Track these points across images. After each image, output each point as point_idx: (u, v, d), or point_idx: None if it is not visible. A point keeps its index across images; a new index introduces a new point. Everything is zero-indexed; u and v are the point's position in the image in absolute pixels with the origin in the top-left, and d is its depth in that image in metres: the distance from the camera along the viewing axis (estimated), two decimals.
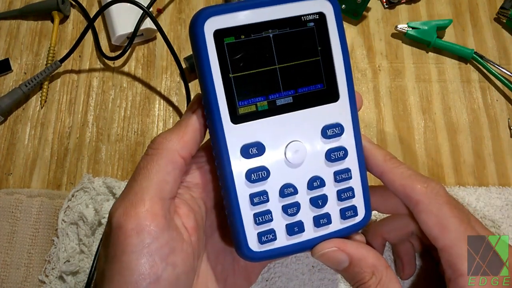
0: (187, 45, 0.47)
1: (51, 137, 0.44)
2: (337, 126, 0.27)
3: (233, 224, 0.26)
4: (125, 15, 0.45)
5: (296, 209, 0.27)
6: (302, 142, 0.27)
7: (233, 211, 0.26)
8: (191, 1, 0.50)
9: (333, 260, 0.27)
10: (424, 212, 0.28)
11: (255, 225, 0.26)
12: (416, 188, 0.28)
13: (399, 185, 0.28)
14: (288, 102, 0.26)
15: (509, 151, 0.43)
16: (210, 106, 0.25)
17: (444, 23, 0.46)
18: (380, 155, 0.29)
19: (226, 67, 0.25)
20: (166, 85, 0.46)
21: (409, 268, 0.36)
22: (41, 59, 0.47)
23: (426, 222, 0.28)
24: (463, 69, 0.46)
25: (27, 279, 0.38)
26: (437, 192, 0.28)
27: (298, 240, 0.27)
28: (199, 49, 0.24)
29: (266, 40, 0.25)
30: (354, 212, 0.28)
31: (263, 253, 0.27)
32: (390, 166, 0.29)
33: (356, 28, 0.48)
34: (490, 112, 0.44)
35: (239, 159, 0.25)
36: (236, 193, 0.26)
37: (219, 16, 0.24)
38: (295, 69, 0.26)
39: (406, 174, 0.29)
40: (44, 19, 0.49)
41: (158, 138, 0.26)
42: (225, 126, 0.25)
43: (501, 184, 0.41)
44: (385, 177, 0.29)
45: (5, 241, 0.38)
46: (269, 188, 0.26)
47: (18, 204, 0.39)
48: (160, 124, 0.44)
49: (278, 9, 0.25)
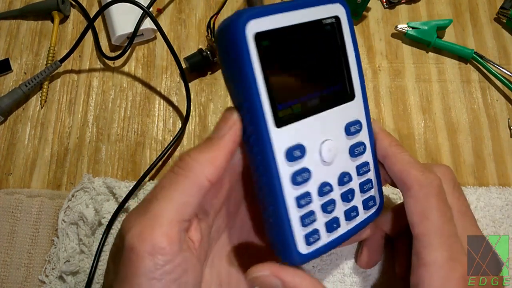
0: (187, 45, 0.47)
1: (51, 137, 0.44)
2: (357, 123, 0.29)
3: (279, 229, 0.26)
4: (125, 15, 0.45)
5: (333, 206, 0.28)
6: (332, 140, 0.27)
7: (280, 216, 0.26)
8: (191, 1, 0.50)
9: (265, 284, 0.26)
10: (412, 198, 0.28)
11: (302, 227, 0.26)
12: (411, 174, 0.28)
13: (397, 170, 0.29)
14: (316, 103, 0.27)
15: (509, 151, 0.43)
16: (255, 112, 0.24)
17: (444, 23, 0.46)
18: (387, 140, 0.30)
19: (266, 70, 0.24)
20: (166, 85, 0.46)
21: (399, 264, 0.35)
22: (41, 59, 0.47)
23: (410, 207, 0.28)
24: (463, 69, 0.46)
25: (27, 279, 0.38)
26: (431, 182, 0.28)
27: (335, 235, 0.28)
28: (239, 53, 0.24)
29: (298, 43, 0.26)
30: (373, 201, 0.30)
31: (310, 254, 0.27)
32: (393, 152, 0.30)
33: (356, 28, 0.48)
34: (490, 112, 0.44)
35: (284, 163, 0.25)
36: (284, 198, 0.25)
37: (259, 19, 0.24)
38: (320, 71, 0.27)
39: (406, 161, 0.29)
40: (44, 19, 0.49)
41: (187, 157, 0.25)
42: (271, 131, 0.25)
43: (501, 184, 0.41)
44: (387, 161, 0.30)
45: (5, 241, 0.38)
46: (311, 188, 0.27)
47: (18, 204, 0.39)
48: (160, 124, 0.44)
49: (304, 12, 0.26)
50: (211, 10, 0.49)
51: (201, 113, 0.45)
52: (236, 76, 0.25)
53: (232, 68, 0.25)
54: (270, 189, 0.25)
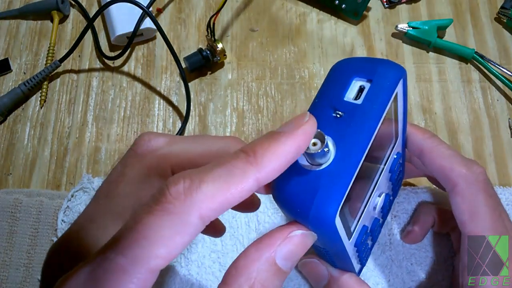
0: (186, 45, 0.47)
1: (51, 137, 0.44)
2: (399, 157, 0.29)
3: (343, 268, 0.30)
4: (124, 15, 0.45)
5: (378, 228, 0.31)
6: (382, 191, 0.28)
7: (346, 267, 0.29)
8: (191, 1, 0.49)
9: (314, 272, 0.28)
10: (459, 195, 0.27)
11: (358, 259, 0.29)
12: (455, 170, 0.27)
13: (438, 165, 0.28)
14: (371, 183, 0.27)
15: (509, 151, 0.43)
16: (345, 262, 0.27)
17: (445, 22, 0.46)
18: (419, 133, 0.29)
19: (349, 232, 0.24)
20: (165, 85, 0.46)
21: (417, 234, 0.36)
22: (41, 59, 0.47)
23: (458, 205, 0.27)
24: (463, 69, 0.46)
25: (26, 279, 0.37)
26: (476, 177, 0.27)
27: None
28: (333, 240, 0.22)
29: None
30: None
31: (361, 268, 0.31)
32: (429, 145, 0.28)
33: (356, 28, 0.48)
34: (490, 112, 0.44)
35: (352, 244, 0.26)
36: (350, 257, 0.27)
37: (340, 203, 0.20)
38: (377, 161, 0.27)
39: (446, 154, 0.28)
40: (44, 18, 0.49)
41: None
42: (346, 245, 0.24)
43: (502, 184, 0.41)
44: (424, 156, 0.28)
45: (5, 241, 0.38)
46: (367, 235, 0.28)
47: (17, 204, 0.39)
48: (160, 124, 0.44)
49: None
50: (211, 10, 0.49)
51: (201, 113, 0.44)
52: (332, 252, 0.26)
53: (329, 248, 0.25)
54: (341, 260, 0.28)
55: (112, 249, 0.16)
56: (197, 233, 0.17)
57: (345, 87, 0.22)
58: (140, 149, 0.25)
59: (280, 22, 0.48)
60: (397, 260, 0.36)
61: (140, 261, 0.16)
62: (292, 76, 0.46)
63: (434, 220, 0.35)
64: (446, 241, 0.37)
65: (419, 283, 0.36)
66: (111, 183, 0.26)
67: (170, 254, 0.16)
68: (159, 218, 0.16)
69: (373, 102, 0.21)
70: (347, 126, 0.21)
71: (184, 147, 0.25)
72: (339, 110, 0.21)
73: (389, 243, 0.37)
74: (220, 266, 0.36)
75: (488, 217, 0.27)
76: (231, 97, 0.45)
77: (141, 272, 0.16)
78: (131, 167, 0.25)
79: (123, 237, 0.16)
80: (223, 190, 0.17)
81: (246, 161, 0.17)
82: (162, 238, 0.16)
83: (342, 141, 0.20)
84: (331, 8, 0.48)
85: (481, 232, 0.27)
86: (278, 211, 0.38)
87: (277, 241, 0.19)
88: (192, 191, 0.16)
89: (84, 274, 0.17)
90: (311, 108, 0.23)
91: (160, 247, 0.16)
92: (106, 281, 0.16)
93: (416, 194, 0.38)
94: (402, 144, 0.29)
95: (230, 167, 0.17)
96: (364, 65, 0.23)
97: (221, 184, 0.17)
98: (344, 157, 0.20)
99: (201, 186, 0.16)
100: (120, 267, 0.16)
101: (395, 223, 0.38)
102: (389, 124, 0.26)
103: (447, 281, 0.36)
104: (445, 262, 0.36)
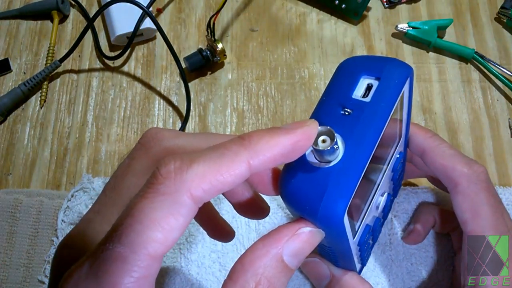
0: (186, 45, 0.47)
1: (51, 137, 0.44)
2: (400, 157, 0.29)
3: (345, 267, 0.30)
4: (124, 15, 0.45)
5: (380, 227, 0.31)
6: (385, 191, 0.28)
7: (349, 266, 0.29)
8: (191, 1, 0.49)
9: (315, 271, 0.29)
10: (461, 194, 0.27)
11: (360, 258, 0.30)
12: (457, 169, 0.27)
13: (439, 165, 0.28)
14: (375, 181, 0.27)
15: (509, 151, 0.43)
16: (348, 261, 0.27)
17: (445, 22, 0.46)
18: (421, 133, 0.29)
19: (354, 230, 0.24)
20: (165, 85, 0.46)
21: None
22: (41, 59, 0.47)
23: (460, 204, 0.27)
24: (463, 69, 0.46)
25: (26, 280, 0.37)
26: (478, 176, 0.27)
27: None
28: (340, 238, 0.22)
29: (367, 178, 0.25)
30: None
31: (362, 267, 0.32)
32: (431, 144, 0.28)
33: (356, 28, 0.48)
34: (490, 112, 0.44)
35: (356, 243, 0.26)
36: (353, 256, 0.27)
37: (349, 200, 0.20)
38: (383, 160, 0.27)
39: (448, 153, 0.28)
40: (44, 18, 0.49)
41: None
42: (351, 244, 0.24)
43: (502, 184, 0.41)
44: (426, 156, 0.29)
45: (5, 242, 0.38)
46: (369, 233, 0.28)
47: (17, 204, 0.39)
48: (160, 124, 0.44)
49: None
50: (211, 10, 0.49)
51: (201, 113, 0.44)
52: (335, 248, 0.26)
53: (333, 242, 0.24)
54: (344, 259, 0.28)
55: (111, 239, 0.16)
56: (191, 216, 0.17)
57: (354, 85, 0.22)
58: (147, 142, 0.26)
59: (280, 22, 0.48)
60: (397, 260, 0.36)
61: (137, 247, 0.16)
62: (292, 76, 0.46)
63: (435, 220, 0.35)
64: (446, 241, 0.37)
65: (419, 283, 0.36)
66: (118, 176, 0.26)
67: (166, 238, 0.16)
68: (150, 201, 0.16)
69: (382, 100, 0.21)
70: (355, 124, 0.21)
71: (189, 140, 0.26)
72: (348, 108, 0.21)
73: (389, 243, 0.37)
74: (220, 266, 0.36)
75: (490, 215, 0.27)
76: (231, 97, 0.45)
77: (140, 259, 0.16)
78: (137, 159, 0.26)
79: (120, 225, 0.16)
80: (214, 170, 0.17)
81: (240, 144, 0.17)
82: (156, 221, 0.16)
83: (350, 139, 0.20)
84: (331, 8, 0.48)
85: (483, 230, 0.27)
86: (278, 211, 0.38)
87: (285, 238, 0.19)
88: (182, 170, 0.16)
89: (86, 267, 0.17)
90: (318, 105, 0.23)
91: (155, 230, 0.16)
92: (107, 272, 0.16)
93: (416, 194, 0.38)
94: (405, 144, 0.29)
95: (223, 149, 0.17)
96: (371, 63, 0.23)
97: (212, 164, 0.17)
98: (353, 155, 0.20)
99: (192, 165, 0.17)
100: (119, 256, 0.16)
101: (396, 223, 0.38)
102: (395, 123, 0.26)
103: (447, 281, 0.36)
104: (445, 262, 0.36)
